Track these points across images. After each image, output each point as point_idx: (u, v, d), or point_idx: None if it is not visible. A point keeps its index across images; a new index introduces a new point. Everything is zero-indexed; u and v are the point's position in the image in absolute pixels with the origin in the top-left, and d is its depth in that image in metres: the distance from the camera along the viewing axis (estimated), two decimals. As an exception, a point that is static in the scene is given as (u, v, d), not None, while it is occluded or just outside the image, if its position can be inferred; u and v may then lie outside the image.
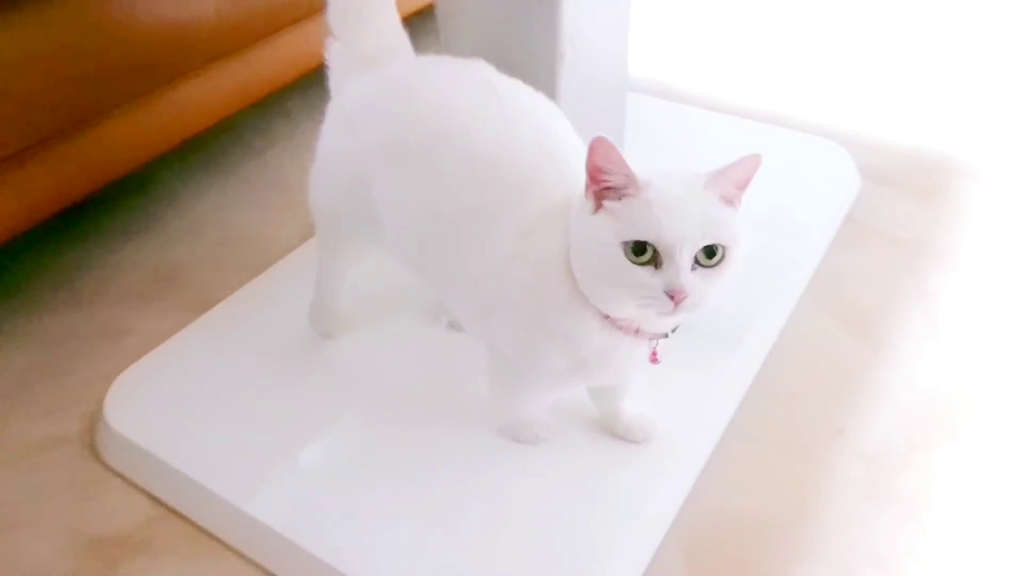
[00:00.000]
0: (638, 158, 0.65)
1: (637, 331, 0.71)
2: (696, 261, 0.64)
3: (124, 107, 1.18)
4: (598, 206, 0.66)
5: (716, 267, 0.65)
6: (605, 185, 0.65)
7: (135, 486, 0.93)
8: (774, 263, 1.14)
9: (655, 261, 0.64)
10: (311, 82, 1.79)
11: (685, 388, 0.96)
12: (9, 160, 1.06)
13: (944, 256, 1.24)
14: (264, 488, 0.87)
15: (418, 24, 1.12)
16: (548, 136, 0.76)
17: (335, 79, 0.90)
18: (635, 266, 0.64)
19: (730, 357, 1.01)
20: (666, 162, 0.69)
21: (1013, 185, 1.39)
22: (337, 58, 0.90)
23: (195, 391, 0.99)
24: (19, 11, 1.00)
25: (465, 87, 0.79)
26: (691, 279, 0.63)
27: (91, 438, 0.99)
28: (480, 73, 0.81)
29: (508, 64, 0.82)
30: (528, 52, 0.92)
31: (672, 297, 0.63)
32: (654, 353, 0.75)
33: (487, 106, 0.77)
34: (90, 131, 1.15)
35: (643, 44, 1.90)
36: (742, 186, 0.66)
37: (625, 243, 0.64)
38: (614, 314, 0.70)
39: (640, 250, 0.64)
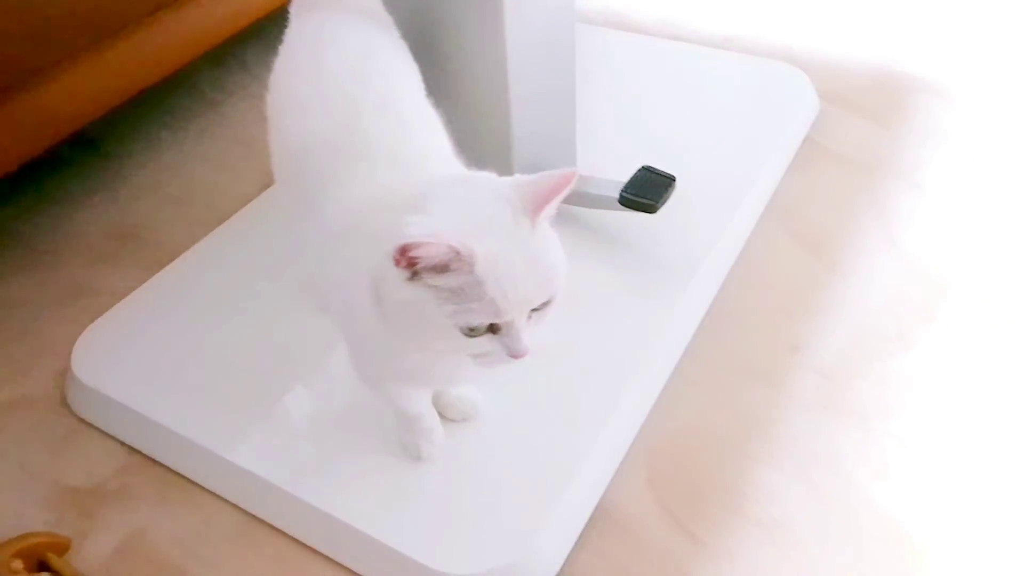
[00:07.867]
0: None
1: None
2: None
3: (69, 62, 1.15)
4: (414, 274, 0.58)
5: (547, 306, 0.61)
6: (421, 266, 0.57)
7: (108, 437, 0.95)
8: (732, 187, 1.16)
9: (493, 328, 0.60)
10: (268, 30, 1.77)
11: (644, 312, 0.99)
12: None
13: (902, 175, 1.25)
14: (239, 432, 0.89)
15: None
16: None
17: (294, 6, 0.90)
18: (472, 339, 0.59)
19: (689, 280, 1.03)
20: (466, 174, 0.66)
21: (975, 101, 1.40)
22: None
23: (162, 342, 1.00)
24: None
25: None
26: (530, 335, 0.60)
27: (61, 395, 1.00)
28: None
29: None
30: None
31: (515, 356, 0.60)
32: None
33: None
34: (35, 90, 1.12)
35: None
36: (555, 201, 0.59)
37: (460, 328, 0.59)
38: None
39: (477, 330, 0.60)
